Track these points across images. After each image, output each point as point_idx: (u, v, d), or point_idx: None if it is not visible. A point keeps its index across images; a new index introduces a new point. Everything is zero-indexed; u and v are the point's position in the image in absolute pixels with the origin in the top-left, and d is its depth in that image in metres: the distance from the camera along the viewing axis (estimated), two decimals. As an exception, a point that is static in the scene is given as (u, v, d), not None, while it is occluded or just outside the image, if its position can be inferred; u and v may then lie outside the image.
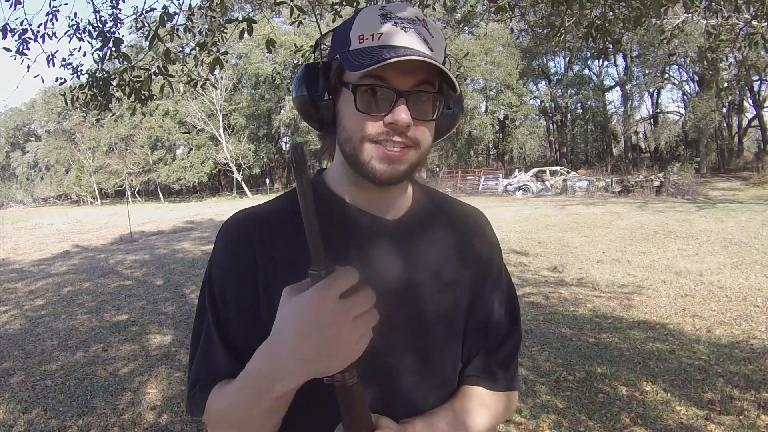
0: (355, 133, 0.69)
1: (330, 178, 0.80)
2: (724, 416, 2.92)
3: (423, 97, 0.68)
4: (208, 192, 38.76)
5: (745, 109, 28.75)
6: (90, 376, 3.96)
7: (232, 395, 0.66)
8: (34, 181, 47.13)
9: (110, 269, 8.67)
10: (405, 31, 0.66)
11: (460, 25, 31.63)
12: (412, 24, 0.67)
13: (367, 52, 0.65)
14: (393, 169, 0.69)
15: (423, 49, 0.66)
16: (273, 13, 25.89)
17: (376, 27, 0.66)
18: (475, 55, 27.21)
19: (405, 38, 0.66)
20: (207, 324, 0.75)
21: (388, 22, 0.66)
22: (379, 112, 0.67)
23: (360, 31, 0.68)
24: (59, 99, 9.99)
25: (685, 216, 11.95)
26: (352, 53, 0.67)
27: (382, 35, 0.66)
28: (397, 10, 0.68)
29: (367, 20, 0.68)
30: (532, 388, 3.39)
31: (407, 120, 0.66)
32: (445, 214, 0.84)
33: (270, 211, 0.78)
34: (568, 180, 20.91)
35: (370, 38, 0.66)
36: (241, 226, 0.76)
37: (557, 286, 6.23)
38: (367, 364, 0.72)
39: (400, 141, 0.67)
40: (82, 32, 3.66)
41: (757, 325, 4.45)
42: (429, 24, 0.69)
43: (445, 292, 0.78)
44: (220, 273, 0.75)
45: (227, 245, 0.76)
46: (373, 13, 0.68)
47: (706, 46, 3.88)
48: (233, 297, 0.73)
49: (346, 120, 0.70)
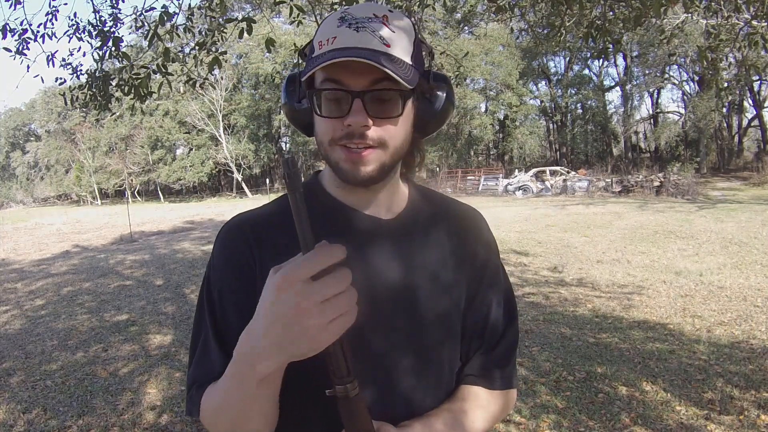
0: (323, 137, 0.70)
1: (325, 179, 0.81)
2: (724, 416, 2.92)
3: (385, 96, 0.67)
4: (208, 192, 38.76)
5: (745, 109, 28.75)
6: (90, 376, 3.96)
7: (221, 385, 0.67)
8: (34, 181, 47.13)
9: (110, 269, 8.67)
10: (357, 32, 0.66)
11: (460, 25, 31.62)
12: (367, 22, 0.67)
13: (320, 57, 0.66)
14: (359, 170, 0.69)
15: (374, 46, 0.65)
16: (273, 13, 25.89)
17: (332, 32, 0.67)
18: (475, 55, 27.20)
19: (355, 38, 0.65)
20: (205, 326, 0.75)
21: (343, 24, 0.67)
22: (339, 114, 0.67)
23: (320, 37, 0.68)
24: (59, 99, 10.00)
25: (685, 216, 11.95)
26: (311, 60, 0.68)
27: (336, 38, 0.66)
28: (357, 11, 0.68)
29: (326, 26, 0.69)
30: (532, 388, 3.39)
31: (361, 121, 0.66)
32: (441, 213, 0.84)
33: (269, 214, 0.79)
34: (568, 180, 20.90)
35: (326, 43, 0.67)
36: (239, 230, 0.76)
37: (557, 286, 6.23)
38: (365, 364, 0.72)
39: (360, 142, 0.68)
40: (82, 32, 3.66)
41: (757, 325, 4.45)
42: (392, 18, 0.69)
43: (441, 293, 0.78)
44: (219, 276, 0.75)
45: (225, 248, 0.76)
46: (333, 18, 0.69)
47: (706, 46, 3.88)
48: (231, 300, 0.74)
49: (316, 125, 0.72)
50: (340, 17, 0.68)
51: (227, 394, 0.65)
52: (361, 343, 0.72)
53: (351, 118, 0.66)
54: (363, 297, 0.72)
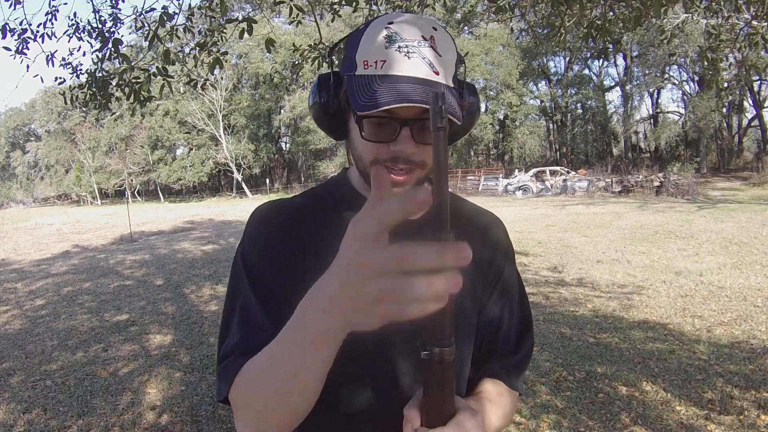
0: (364, 156, 0.71)
1: (353, 177, 0.82)
2: (724, 416, 2.92)
3: (428, 122, 0.67)
4: (208, 192, 38.77)
5: (745, 109, 28.76)
6: (90, 376, 3.96)
7: (267, 350, 0.60)
8: (34, 181, 47.15)
9: (110, 269, 8.67)
10: (409, 58, 0.65)
11: (460, 25, 31.64)
12: (417, 47, 0.66)
13: (369, 85, 0.66)
14: (399, 189, 0.70)
15: (428, 75, 0.65)
16: (273, 13, 25.91)
17: (380, 53, 0.66)
18: (475, 55, 27.22)
19: (408, 66, 0.65)
20: (243, 296, 0.73)
21: (392, 46, 0.66)
22: (384, 139, 0.68)
23: (365, 55, 0.68)
24: (59, 99, 10.00)
25: (685, 216, 11.96)
26: (357, 81, 0.68)
27: (385, 63, 0.65)
28: (404, 29, 0.67)
29: (372, 43, 0.67)
30: (532, 388, 3.39)
31: (410, 150, 0.67)
32: (461, 216, 0.84)
33: (299, 204, 0.81)
34: (568, 180, 20.91)
35: (374, 66, 0.66)
36: (274, 212, 0.79)
37: (557, 286, 6.23)
38: (371, 366, 0.72)
39: (405, 167, 0.69)
40: (82, 32, 3.66)
41: (757, 325, 4.45)
42: (438, 39, 0.68)
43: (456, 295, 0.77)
44: (255, 251, 0.75)
45: (260, 227, 0.77)
46: (378, 33, 0.67)
47: (706, 46, 3.88)
48: (269, 273, 0.73)
49: (356, 141, 0.72)
50: (388, 36, 0.66)
51: (274, 355, 0.58)
52: (363, 341, 0.72)
53: (400, 146, 0.67)
54: None
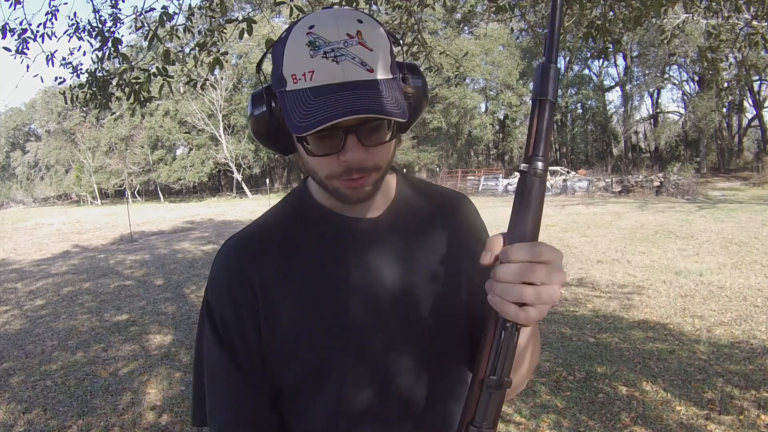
0: (318, 171, 0.69)
1: (313, 187, 0.79)
2: (724, 416, 2.92)
3: (373, 126, 0.64)
4: (208, 192, 38.76)
5: (745, 109, 28.75)
6: (90, 376, 3.96)
7: None
8: (34, 181, 47.13)
9: (110, 269, 8.67)
10: (338, 62, 0.60)
11: (460, 25, 31.63)
12: (344, 48, 0.61)
13: (303, 101, 0.61)
14: (359, 193, 0.69)
15: (362, 76, 0.61)
16: (273, 13, 25.90)
17: (307, 63, 0.61)
18: (475, 55, 27.20)
19: (338, 72, 0.60)
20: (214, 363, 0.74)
21: (318, 53, 0.60)
22: (331, 151, 0.65)
23: (292, 69, 0.62)
24: (59, 99, 10.01)
25: (685, 216, 11.95)
26: (289, 97, 0.63)
27: (314, 73, 0.61)
28: (327, 31, 0.61)
29: (296, 53, 0.62)
30: (532, 388, 3.39)
31: (360, 157, 0.65)
32: (430, 200, 0.83)
33: (262, 233, 0.77)
34: (568, 180, 20.91)
35: (303, 78, 0.61)
36: (234, 254, 0.75)
37: (557, 286, 6.23)
38: (364, 364, 0.72)
39: (358, 175, 0.67)
40: (82, 32, 3.66)
41: (757, 325, 4.45)
42: (365, 33, 0.62)
43: (440, 282, 0.77)
44: (218, 300, 0.74)
45: (222, 273, 0.75)
46: (300, 42, 0.62)
47: (706, 46, 3.88)
48: (236, 324, 0.73)
49: (304, 157, 0.69)
50: (311, 42, 0.61)
51: None
52: (361, 342, 0.72)
53: (348, 154, 0.64)
54: (362, 297, 0.72)
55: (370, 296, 0.73)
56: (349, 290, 0.72)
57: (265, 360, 0.72)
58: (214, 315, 0.74)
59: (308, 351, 0.71)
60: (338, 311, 0.72)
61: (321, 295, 0.72)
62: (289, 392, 0.73)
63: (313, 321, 0.71)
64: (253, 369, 0.72)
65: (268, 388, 0.73)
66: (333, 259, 0.74)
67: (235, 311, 0.72)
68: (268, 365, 0.72)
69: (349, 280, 0.73)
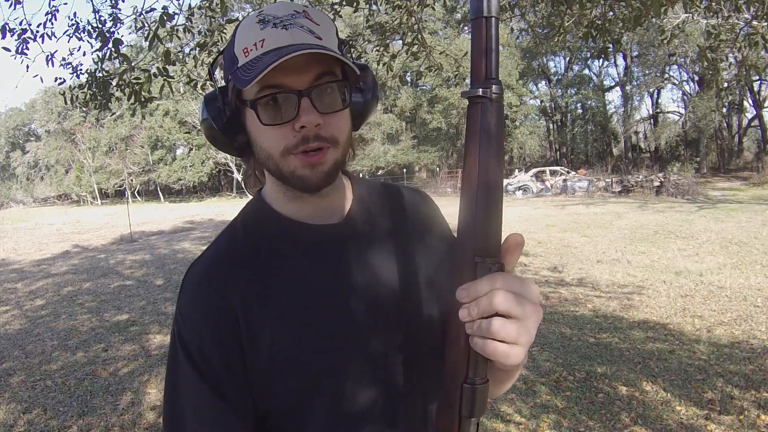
0: (274, 149, 0.66)
1: (270, 197, 0.76)
2: (724, 416, 2.92)
3: (327, 89, 0.65)
4: (208, 192, 38.75)
5: (745, 109, 28.75)
6: (90, 376, 3.96)
7: None
8: (34, 181, 47.12)
9: (110, 269, 8.68)
10: (287, 29, 0.63)
11: (460, 25, 31.62)
12: (292, 19, 0.64)
13: (253, 64, 0.62)
14: (318, 172, 0.66)
15: (310, 41, 0.63)
16: (273, 13, 25.89)
17: (257, 35, 0.64)
18: (475, 55, 27.16)
19: (288, 36, 0.63)
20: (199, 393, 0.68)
21: (267, 26, 0.64)
22: (286, 119, 0.64)
23: (243, 44, 0.65)
24: (59, 99, 10.00)
25: (685, 216, 11.96)
26: (240, 70, 0.64)
27: (265, 41, 0.63)
28: (274, 11, 0.65)
29: (247, 32, 0.65)
30: (532, 388, 3.39)
31: (314, 120, 0.63)
32: (390, 201, 0.83)
33: (230, 254, 0.73)
34: (568, 180, 20.91)
35: (254, 48, 0.63)
36: (207, 281, 0.71)
37: (557, 286, 6.24)
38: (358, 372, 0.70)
39: (317, 144, 0.65)
40: (82, 32, 3.66)
41: (757, 325, 4.45)
42: (311, 13, 0.67)
43: (416, 282, 0.76)
44: (196, 333, 0.69)
45: (197, 305, 0.70)
46: (251, 22, 0.65)
47: (707, 46, 3.88)
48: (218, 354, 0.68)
49: (258, 138, 0.68)
50: (260, 20, 0.65)
51: None
52: (352, 351, 0.70)
53: (304, 118, 0.63)
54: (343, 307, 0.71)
55: (350, 305, 0.71)
56: (329, 301, 0.70)
57: (251, 383, 0.68)
58: (190, 349, 0.68)
59: (298, 367, 0.68)
60: (324, 323, 0.69)
61: (302, 310, 0.69)
62: (279, 413, 0.70)
63: (301, 336, 0.69)
64: (241, 396, 0.67)
65: (254, 413, 0.69)
66: (307, 270, 0.71)
67: (216, 341, 0.67)
68: (254, 388, 0.68)
69: (326, 290, 0.71)
